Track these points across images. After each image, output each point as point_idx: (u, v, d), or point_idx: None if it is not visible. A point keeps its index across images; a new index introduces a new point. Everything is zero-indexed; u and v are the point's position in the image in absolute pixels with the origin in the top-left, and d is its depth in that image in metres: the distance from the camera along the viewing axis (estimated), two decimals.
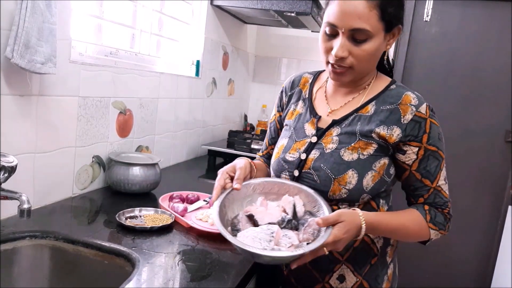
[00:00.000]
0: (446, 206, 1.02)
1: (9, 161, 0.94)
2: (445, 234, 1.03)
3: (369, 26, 0.89)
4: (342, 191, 0.96)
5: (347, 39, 0.92)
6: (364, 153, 0.96)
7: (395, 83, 1.04)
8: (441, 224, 1.01)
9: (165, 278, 0.91)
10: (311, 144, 1.02)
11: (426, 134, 0.96)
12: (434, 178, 0.99)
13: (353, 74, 0.97)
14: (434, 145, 0.97)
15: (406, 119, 0.96)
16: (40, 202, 1.23)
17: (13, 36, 1.01)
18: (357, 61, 0.93)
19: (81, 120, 1.35)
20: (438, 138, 0.98)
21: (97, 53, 1.46)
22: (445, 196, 1.02)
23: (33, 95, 1.15)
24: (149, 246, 1.05)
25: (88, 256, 1.02)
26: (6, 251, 1.00)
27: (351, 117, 1.01)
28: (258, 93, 3.05)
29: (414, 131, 0.96)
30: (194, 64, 2.17)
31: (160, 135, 1.87)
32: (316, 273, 1.03)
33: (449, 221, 1.02)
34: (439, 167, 0.99)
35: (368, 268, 1.02)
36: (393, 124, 0.96)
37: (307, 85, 1.13)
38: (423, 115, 0.96)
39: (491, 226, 2.73)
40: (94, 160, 1.45)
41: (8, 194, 0.94)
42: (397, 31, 0.98)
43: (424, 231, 0.99)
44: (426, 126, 0.96)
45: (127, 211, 1.21)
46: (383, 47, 0.97)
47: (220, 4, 2.15)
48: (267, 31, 2.97)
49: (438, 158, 0.98)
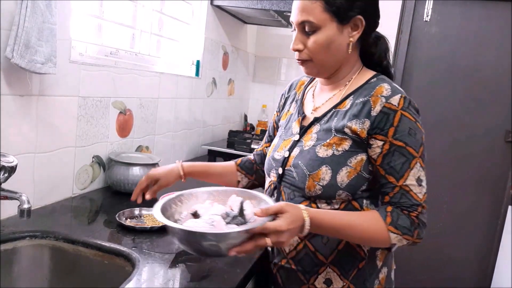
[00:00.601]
0: (414, 209, 0.93)
1: (9, 161, 0.94)
2: (416, 242, 0.94)
3: (313, 18, 0.94)
4: (317, 187, 0.95)
5: (300, 33, 0.98)
6: (339, 149, 0.95)
7: (378, 76, 1.01)
8: (405, 228, 0.92)
9: (165, 278, 0.91)
10: (294, 142, 1.04)
11: (393, 127, 0.91)
12: (400, 176, 0.92)
13: (314, 66, 1.00)
14: (402, 140, 0.92)
15: (376, 110, 0.93)
16: (40, 202, 1.23)
17: (13, 36, 1.01)
18: (312, 53, 0.98)
19: (81, 120, 1.35)
20: (408, 133, 0.92)
21: (97, 53, 1.46)
22: (414, 198, 0.93)
23: (33, 95, 1.15)
24: (149, 246, 1.05)
25: (88, 256, 1.03)
26: (6, 251, 1.00)
27: (330, 113, 1.01)
28: (258, 93, 3.05)
29: (381, 123, 0.92)
30: (194, 64, 2.17)
31: (160, 135, 1.87)
32: (301, 275, 1.02)
33: (418, 227, 0.93)
34: (408, 165, 0.92)
35: (356, 272, 1.00)
36: (364, 117, 0.94)
37: (302, 87, 1.17)
38: (394, 107, 0.92)
39: (491, 226, 2.73)
40: (94, 160, 1.45)
41: (8, 194, 0.95)
42: (359, 23, 0.97)
43: (381, 234, 0.91)
44: (395, 119, 0.91)
45: (127, 211, 1.21)
46: (341, 39, 0.97)
47: (220, 4, 2.15)
48: (267, 31, 2.97)
49: (405, 155, 0.92)
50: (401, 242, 0.93)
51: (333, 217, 0.92)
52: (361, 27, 0.98)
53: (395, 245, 0.94)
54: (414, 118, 0.93)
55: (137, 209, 1.24)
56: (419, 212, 0.93)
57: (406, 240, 0.93)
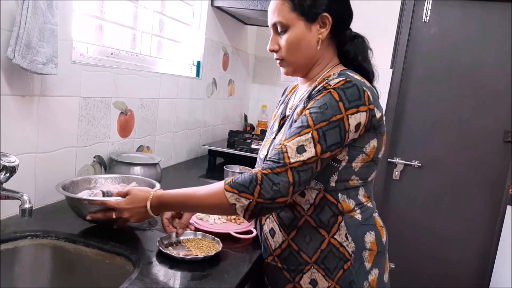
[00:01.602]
0: (271, 167, 0.88)
1: (10, 161, 0.95)
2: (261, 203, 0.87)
3: (282, 18, 1.00)
4: None
5: (274, 33, 1.05)
6: None
7: (344, 70, 1.01)
8: (242, 186, 0.87)
9: (166, 277, 0.92)
10: (271, 140, 1.11)
11: (313, 100, 0.93)
12: (287, 138, 0.91)
13: (289, 65, 1.06)
14: (309, 111, 0.92)
15: (315, 90, 0.97)
16: (41, 202, 1.24)
17: (15, 36, 1.01)
18: (283, 52, 1.03)
19: (82, 120, 1.36)
20: (319, 106, 0.90)
21: (98, 54, 1.46)
22: (284, 158, 0.88)
23: (35, 95, 1.15)
24: (150, 246, 1.05)
25: (89, 255, 1.03)
26: (8, 250, 1.00)
27: (294, 108, 1.06)
28: (258, 93, 3.05)
29: (309, 98, 0.97)
30: (194, 65, 2.18)
31: (161, 135, 1.88)
32: (287, 273, 1.04)
33: (261, 184, 0.87)
34: (299, 131, 0.90)
35: (341, 273, 0.99)
36: (307, 97, 0.99)
37: (293, 90, 1.21)
38: (328, 86, 0.93)
39: (490, 226, 2.73)
40: (96, 160, 1.45)
41: (9, 193, 0.95)
42: (327, 20, 1.01)
43: (219, 196, 0.90)
44: (320, 95, 0.93)
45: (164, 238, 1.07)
46: (310, 36, 1.01)
47: (221, 5, 2.16)
48: (267, 32, 2.95)
49: (303, 122, 0.91)
50: (240, 202, 0.88)
51: (176, 191, 1.00)
52: (329, 24, 1.01)
53: (235, 205, 0.88)
54: (340, 98, 0.90)
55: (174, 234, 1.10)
56: (274, 171, 0.87)
57: (246, 199, 0.87)
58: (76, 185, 1.21)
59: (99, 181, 1.26)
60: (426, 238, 2.82)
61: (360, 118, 0.93)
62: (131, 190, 1.03)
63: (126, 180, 1.29)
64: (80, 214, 1.09)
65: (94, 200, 1.05)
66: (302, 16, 0.99)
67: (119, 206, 1.01)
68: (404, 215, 2.84)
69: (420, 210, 2.82)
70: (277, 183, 0.87)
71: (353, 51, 1.06)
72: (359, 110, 0.92)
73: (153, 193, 1.01)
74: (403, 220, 2.83)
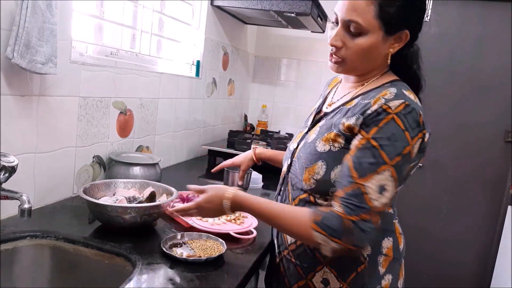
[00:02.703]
0: (356, 212, 0.85)
1: (9, 161, 0.94)
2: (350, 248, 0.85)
3: (362, 20, 0.91)
4: (311, 181, 0.97)
5: (344, 30, 0.95)
6: (336, 145, 0.95)
7: (395, 82, 0.98)
8: (331, 229, 0.85)
9: (165, 277, 0.92)
10: (303, 135, 1.08)
11: (377, 127, 0.87)
12: (363, 175, 0.86)
13: (346, 67, 0.99)
14: (379, 142, 0.87)
15: (372, 109, 0.90)
16: (40, 202, 1.24)
17: (14, 36, 1.01)
18: (349, 54, 0.96)
19: (82, 120, 1.35)
20: (388, 137, 0.86)
21: (97, 53, 1.46)
22: (367, 202, 0.85)
23: (34, 95, 1.15)
24: (149, 246, 1.05)
25: (89, 256, 1.03)
26: (7, 250, 1.00)
27: (337, 110, 1.02)
28: (258, 93, 3.05)
29: (370, 121, 0.89)
30: (194, 65, 2.17)
31: (161, 135, 1.87)
32: (300, 270, 1.03)
33: (350, 233, 0.84)
34: (375, 168, 0.86)
35: (354, 276, 0.98)
36: (360, 114, 0.91)
37: (334, 84, 1.18)
38: (389, 109, 0.87)
39: (490, 226, 2.73)
40: (95, 160, 1.45)
41: (8, 194, 0.95)
42: (404, 37, 0.95)
43: (306, 230, 0.87)
44: (383, 121, 0.87)
45: (169, 238, 1.08)
46: (382, 48, 0.95)
47: (220, 4, 2.16)
48: (267, 31, 2.97)
49: (376, 157, 0.86)
50: (328, 243, 0.86)
51: (262, 202, 0.97)
52: (404, 41, 0.96)
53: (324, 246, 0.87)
54: (405, 127, 0.87)
55: (179, 234, 1.11)
56: (362, 218, 0.84)
57: (337, 244, 0.85)
58: (97, 188, 1.22)
59: (118, 185, 1.27)
60: (426, 238, 2.82)
61: (418, 144, 0.91)
62: (208, 188, 1.03)
63: (145, 185, 1.28)
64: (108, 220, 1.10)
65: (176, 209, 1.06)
66: (384, 27, 0.92)
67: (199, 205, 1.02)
68: (405, 215, 2.83)
69: (420, 210, 2.82)
70: (366, 231, 0.85)
71: (410, 59, 1.02)
72: (419, 136, 0.90)
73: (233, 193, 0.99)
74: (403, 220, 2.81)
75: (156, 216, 1.15)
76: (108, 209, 1.07)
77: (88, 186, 1.18)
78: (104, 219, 1.11)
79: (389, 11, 0.91)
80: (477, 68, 2.67)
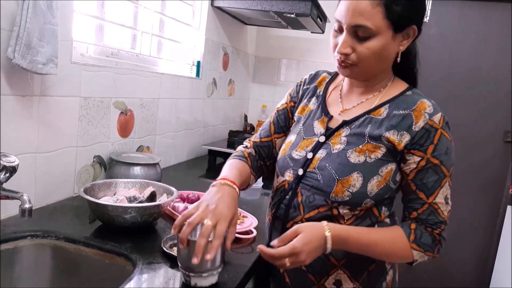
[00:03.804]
0: (438, 226, 0.95)
1: (10, 161, 0.95)
2: (435, 257, 0.97)
3: (371, 24, 0.88)
4: (345, 193, 0.93)
5: (350, 36, 0.92)
6: (372, 157, 0.93)
7: (412, 89, 1.00)
8: (427, 245, 0.94)
9: (166, 277, 0.92)
10: (318, 144, 1.00)
11: (432, 145, 0.91)
12: (431, 193, 0.94)
13: (359, 72, 0.96)
14: (439, 158, 0.92)
15: (418, 126, 0.92)
16: (41, 202, 1.24)
17: (15, 36, 1.01)
18: (361, 59, 0.93)
19: (82, 120, 1.36)
20: (445, 152, 0.93)
21: (98, 54, 1.46)
22: (441, 216, 0.95)
23: (35, 95, 1.16)
24: (150, 245, 1.05)
25: (89, 255, 1.03)
26: (7, 250, 1.00)
27: (362, 119, 0.98)
28: (258, 93, 3.05)
29: (422, 139, 0.91)
30: (194, 65, 2.18)
31: (161, 135, 1.88)
32: (312, 276, 1.01)
33: (439, 243, 0.96)
34: (439, 183, 0.93)
35: (366, 275, 1.00)
36: (404, 130, 0.92)
37: (323, 84, 1.12)
38: (435, 125, 0.92)
39: (490, 226, 2.73)
40: (95, 160, 1.45)
41: (9, 193, 0.95)
42: (412, 32, 0.95)
43: (405, 251, 0.94)
44: (435, 137, 0.92)
45: (169, 238, 1.07)
46: (392, 47, 0.94)
47: (221, 5, 2.16)
48: (267, 32, 2.98)
49: (439, 173, 0.93)
50: (423, 258, 0.95)
51: (360, 235, 0.92)
52: (413, 37, 0.96)
53: (417, 261, 0.96)
54: (450, 137, 0.95)
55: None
56: (442, 229, 0.96)
57: (428, 256, 0.95)
58: (97, 188, 1.21)
59: (119, 185, 1.27)
60: None
61: None
62: (298, 227, 0.87)
63: (145, 185, 1.28)
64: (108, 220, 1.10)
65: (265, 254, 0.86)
66: (393, 26, 0.90)
67: (296, 250, 0.84)
68: None
69: None
70: (445, 238, 0.98)
71: (412, 61, 1.04)
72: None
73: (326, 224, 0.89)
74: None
75: (156, 215, 1.15)
76: (108, 208, 1.07)
77: (89, 186, 1.18)
78: (104, 219, 1.11)
79: (396, 10, 0.89)
80: (477, 68, 2.67)
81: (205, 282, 0.87)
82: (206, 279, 0.87)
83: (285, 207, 1.02)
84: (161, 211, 1.15)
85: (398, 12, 0.89)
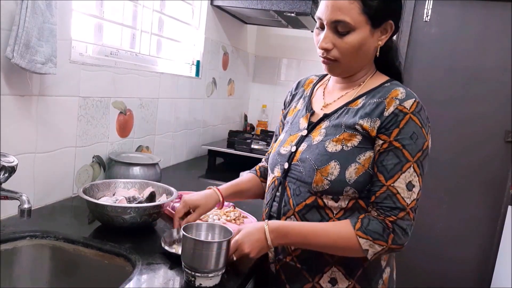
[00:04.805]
0: (394, 213, 0.91)
1: (9, 161, 0.94)
2: (393, 249, 0.92)
3: (349, 18, 0.93)
4: (324, 182, 0.95)
5: (331, 32, 0.96)
6: (348, 145, 0.96)
7: (391, 81, 1.03)
8: (376, 233, 0.90)
9: (165, 278, 0.92)
10: (302, 137, 1.05)
11: (398, 128, 0.92)
12: (390, 176, 0.92)
13: (341, 67, 1.00)
14: (401, 142, 0.92)
15: (388, 111, 0.94)
16: (40, 202, 1.24)
17: (14, 36, 1.01)
18: (341, 54, 0.97)
19: (82, 120, 1.35)
20: (410, 136, 0.92)
21: (97, 53, 1.46)
22: (400, 201, 0.91)
23: (34, 95, 1.15)
24: (149, 246, 1.05)
25: (88, 256, 1.03)
26: (7, 251, 1.00)
27: (341, 111, 1.02)
28: (258, 93, 3.05)
29: (389, 124, 0.93)
30: (194, 64, 2.17)
31: (160, 135, 1.87)
32: (306, 274, 1.02)
33: (393, 232, 0.90)
34: (400, 167, 0.92)
35: (361, 272, 1.00)
36: (376, 116, 0.95)
37: (310, 85, 1.17)
38: (405, 110, 0.93)
39: (491, 226, 2.73)
40: (95, 160, 1.45)
41: (8, 194, 0.95)
42: (389, 27, 0.99)
43: (351, 240, 0.91)
44: (402, 121, 0.92)
45: (167, 236, 1.06)
46: (371, 42, 0.98)
47: (220, 4, 2.16)
48: (267, 31, 2.97)
49: (399, 156, 0.92)
50: (374, 248, 0.91)
51: (301, 225, 0.96)
52: (390, 32, 1.00)
53: (368, 251, 0.91)
54: (421, 124, 0.94)
55: (174, 230, 1.09)
56: (399, 217, 0.91)
57: (380, 246, 0.91)
58: (96, 188, 1.21)
59: (118, 185, 1.26)
60: (427, 238, 2.82)
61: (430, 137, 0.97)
62: (240, 227, 1.00)
63: (144, 185, 1.28)
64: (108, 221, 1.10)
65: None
66: (370, 20, 0.95)
67: (237, 243, 0.95)
68: None
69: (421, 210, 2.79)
70: (405, 228, 0.92)
71: (392, 56, 1.06)
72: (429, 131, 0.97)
73: (269, 223, 0.96)
74: None
75: (156, 216, 1.14)
76: (108, 209, 1.07)
77: (88, 186, 1.18)
78: (104, 219, 1.10)
79: (372, 5, 0.94)
80: (477, 68, 2.67)
81: (210, 283, 0.89)
82: (211, 280, 0.89)
83: (277, 204, 1.06)
84: (160, 212, 1.15)
85: (374, 6, 0.94)
